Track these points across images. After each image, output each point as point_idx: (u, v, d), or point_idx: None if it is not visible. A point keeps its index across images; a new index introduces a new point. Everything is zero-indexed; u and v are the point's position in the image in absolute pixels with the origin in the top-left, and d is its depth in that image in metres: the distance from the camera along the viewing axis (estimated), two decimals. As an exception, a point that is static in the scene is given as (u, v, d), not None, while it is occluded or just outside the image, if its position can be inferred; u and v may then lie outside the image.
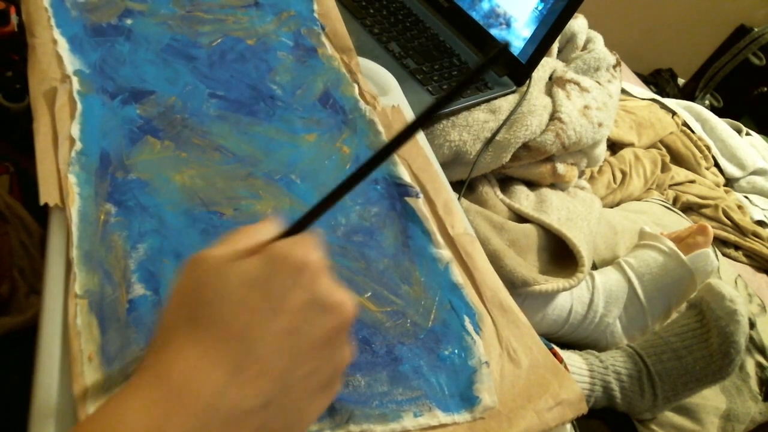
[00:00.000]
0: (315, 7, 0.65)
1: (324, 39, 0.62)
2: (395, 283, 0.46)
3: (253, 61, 0.57)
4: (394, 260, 0.47)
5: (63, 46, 0.50)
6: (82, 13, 0.53)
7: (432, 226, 0.50)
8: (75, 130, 0.45)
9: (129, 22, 0.55)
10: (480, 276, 0.48)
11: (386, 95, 0.61)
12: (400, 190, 0.52)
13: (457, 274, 0.47)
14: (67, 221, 0.40)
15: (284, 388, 0.23)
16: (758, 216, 1.00)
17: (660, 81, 1.93)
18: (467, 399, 0.41)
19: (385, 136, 0.55)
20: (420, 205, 0.51)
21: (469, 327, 0.44)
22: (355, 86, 0.59)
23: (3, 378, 0.46)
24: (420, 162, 0.55)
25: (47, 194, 0.41)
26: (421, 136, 0.59)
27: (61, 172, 0.42)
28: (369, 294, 0.44)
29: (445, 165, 0.68)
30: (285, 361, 0.23)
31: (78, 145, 0.44)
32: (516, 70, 0.76)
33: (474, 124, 0.69)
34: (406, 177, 0.53)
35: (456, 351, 0.43)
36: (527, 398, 0.42)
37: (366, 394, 0.39)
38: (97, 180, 0.43)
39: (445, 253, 0.49)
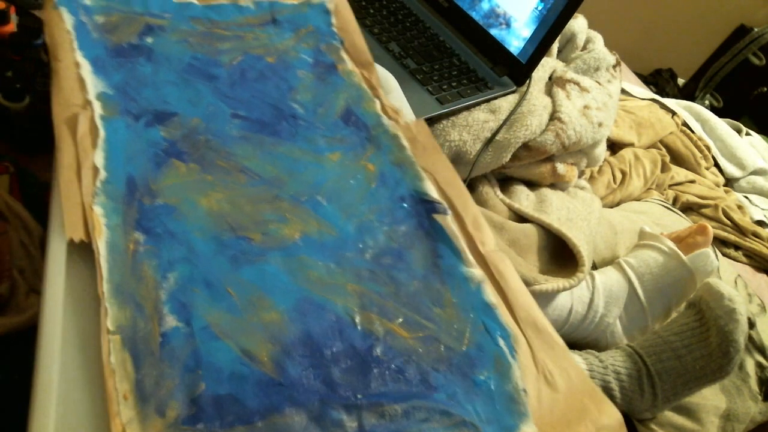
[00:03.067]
0: (333, 20, 0.64)
1: (343, 54, 0.61)
2: (427, 306, 0.44)
3: (273, 80, 0.56)
4: (425, 282, 0.46)
5: (86, 69, 0.49)
6: (102, 34, 0.53)
7: (462, 243, 0.48)
8: (99, 159, 0.44)
9: (149, 40, 0.54)
10: (513, 295, 0.46)
11: (386, 95, 0.61)
12: (427, 207, 0.51)
13: (490, 294, 0.46)
14: (94, 255, 0.39)
15: None
16: (758, 216, 1.00)
17: (660, 81, 1.93)
18: (505, 426, 0.40)
19: (410, 150, 0.54)
20: (449, 222, 0.50)
21: (504, 350, 0.43)
22: (377, 101, 0.58)
23: (3, 378, 0.46)
24: (446, 175, 0.53)
25: (72, 229, 0.40)
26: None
27: (86, 205, 0.41)
28: (400, 320, 0.43)
29: (445, 165, 0.68)
30: None
31: (102, 174, 0.43)
32: (516, 70, 0.76)
33: (474, 124, 0.69)
34: (433, 193, 0.51)
35: (491, 376, 0.42)
36: (566, 424, 0.40)
37: (403, 424, 0.38)
38: (124, 207, 0.42)
39: (477, 272, 0.47)
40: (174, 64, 0.54)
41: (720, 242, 0.95)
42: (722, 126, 1.13)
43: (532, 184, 0.77)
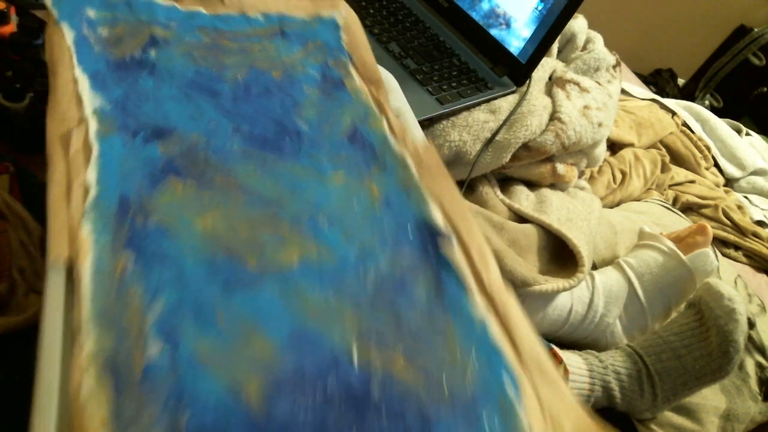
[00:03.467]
0: (343, 36, 0.62)
1: (352, 69, 0.60)
2: (428, 339, 0.42)
3: (278, 96, 0.55)
4: (427, 313, 0.43)
5: (84, 84, 0.48)
6: (105, 48, 0.51)
7: (467, 275, 0.46)
8: (91, 176, 0.42)
9: (153, 53, 0.53)
10: (517, 333, 0.44)
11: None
12: (432, 234, 0.48)
13: (494, 331, 0.43)
14: (76, 278, 0.37)
15: None
16: (758, 216, 1.00)
17: (660, 81, 1.93)
18: None
19: (417, 173, 0.52)
20: (454, 251, 0.47)
21: (509, 391, 0.41)
22: (384, 120, 0.56)
23: (3, 378, 0.46)
24: (452, 201, 0.51)
25: (56, 249, 0.38)
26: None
27: (74, 224, 0.40)
28: (400, 353, 0.40)
29: (445, 165, 0.68)
30: None
31: (94, 191, 0.42)
32: (516, 70, 0.76)
33: (474, 124, 0.69)
34: (439, 219, 0.49)
35: (496, 419, 0.39)
36: None
37: None
38: (115, 226, 0.41)
39: (481, 306, 0.44)
40: (177, 78, 0.52)
41: (720, 242, 0.95)
42: (722, 126, 1.13)
43: (532, 184, 0.77)
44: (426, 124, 0.68)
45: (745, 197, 1.06)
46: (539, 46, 0.73)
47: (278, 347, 0.39)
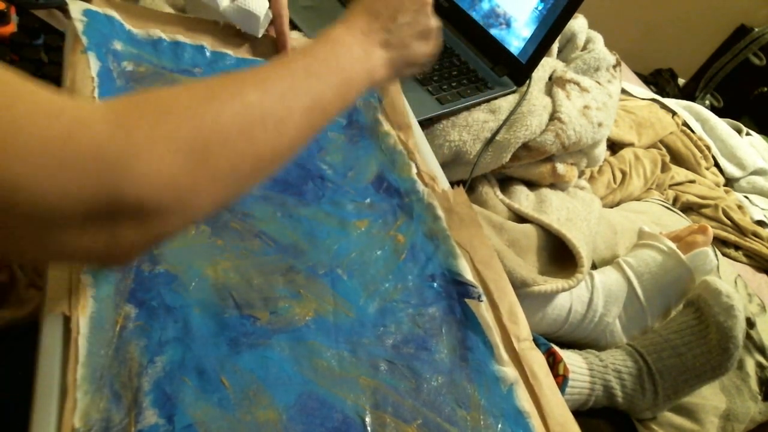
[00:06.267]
0: None
1: (380, 113, 0.59)
2: (450, 407, 0.40)
3: None
4: (450, 378, 0.41)
5: None
6: (128, 83, 0.50)
7: (495, 336, 0.44)
8: None
9: None
10: (547, 404, 0.41)
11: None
12: (459, 290, 0.46)
13: (523, 399, 0.41)
14: (72, 334, 0.35)
15: (394, 23, 0.43)
16: (758, 216, 1.00)
17: (660, 81, 1.93)
18: None
19: (446, 221, 0.50)
20: (482, 310, 0.45)
21: None
22: (413, 166, 0.54)
23: (5, 375, 0.46)
24: (483, 253, 0.49)
25: (54, 301, 0.36)
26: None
27: (74, 273, 0.37)
28: (419, 422, 0.38)
29: (445, 165, 0.68)
30: (391, 10, 0.43)
31: None
32: (516, 70, 0.76)
33: (474, 124, 0.70)
34: (468, 273, 0.47)
35: None
36: None
37: None
38: (119, 276, 0.39)
39: (510, 371, 0.42)
40: None
41: (720, 242, 0.95)
42: (722, 126, 1.13)
43: (532, 184, 0.77)
44: (426, 123, 0.68)
45: (746, 197, 1.06)
46: (539, 46, 0.74)
47: (284, 414, 0.36)
